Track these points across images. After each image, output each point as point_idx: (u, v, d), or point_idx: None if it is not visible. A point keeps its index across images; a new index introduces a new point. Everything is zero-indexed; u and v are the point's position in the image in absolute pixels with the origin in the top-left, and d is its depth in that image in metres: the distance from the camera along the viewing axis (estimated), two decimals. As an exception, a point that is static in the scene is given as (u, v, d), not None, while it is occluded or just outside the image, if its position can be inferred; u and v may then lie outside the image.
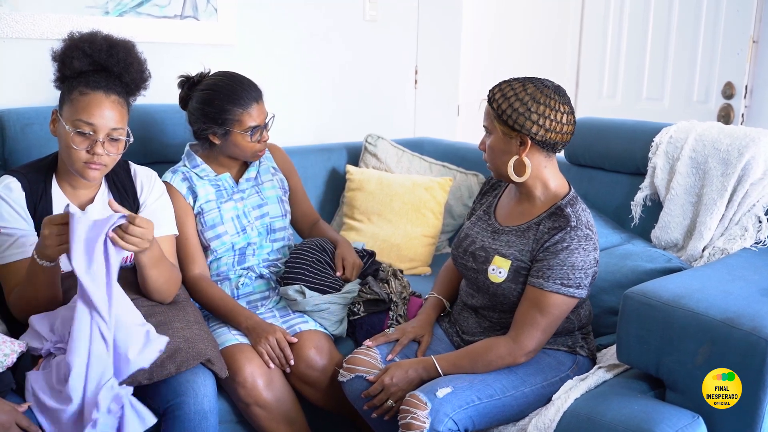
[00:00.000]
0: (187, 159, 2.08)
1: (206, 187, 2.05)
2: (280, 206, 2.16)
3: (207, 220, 2.03)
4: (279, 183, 2.20)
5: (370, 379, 1.74)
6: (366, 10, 3.06)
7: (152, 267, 1.68)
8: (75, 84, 1.65)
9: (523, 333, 1.64)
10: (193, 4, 2.54)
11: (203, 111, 1.98)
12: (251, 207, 2.10)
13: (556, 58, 3.71)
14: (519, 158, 1.65)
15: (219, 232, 2.04)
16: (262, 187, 2.15)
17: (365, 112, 3.13)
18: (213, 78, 2.03)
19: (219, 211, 2.04)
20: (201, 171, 2.05)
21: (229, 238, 2.05)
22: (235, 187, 2.09)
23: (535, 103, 1.60)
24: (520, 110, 1.61)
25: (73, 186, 1.74)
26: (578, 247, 1.61)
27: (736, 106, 2.89)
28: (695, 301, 1.52)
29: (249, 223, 2.08)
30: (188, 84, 2.06)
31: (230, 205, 2.07)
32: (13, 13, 2.18)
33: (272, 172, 2.20)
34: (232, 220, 2.06)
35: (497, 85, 1.68)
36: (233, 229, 2.05)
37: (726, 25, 2.91)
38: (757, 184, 1.96)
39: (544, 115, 1.60)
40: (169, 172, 2.05)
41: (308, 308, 1.97)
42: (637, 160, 2.25)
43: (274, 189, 2.17)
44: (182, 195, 2.01)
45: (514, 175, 1.67)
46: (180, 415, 1.62)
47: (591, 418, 1.50)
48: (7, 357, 1.51)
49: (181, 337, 1.68)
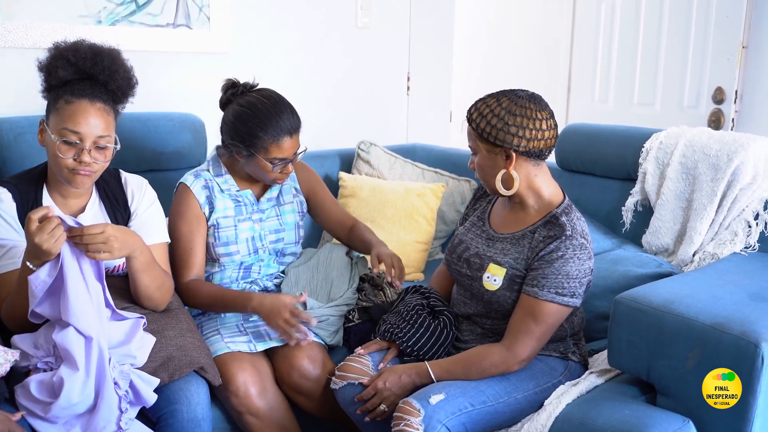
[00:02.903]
0: (212, 164, 2.03)
1: (226, 200, 2.01)
2: (296, 233, 2.13)
3: (221, 236, 2.00)
4: (298, 206, 2.16)
5: (364, 382, 1.75)
6: (358, 17, 3.07)
7: (144, 272, 1.68)
8: (60, 93, 1.65)
9: (517, 341, 1.65)
10: (186, 13, 2.55)
11: (234, 127, 1.92)
12: (268, 231, 2.07)
13: (548, 63, 3.73)
14: (507, 172, 1.66)
15: (231, 250, 2.01)
16: (282, 210, 2.11)
17: (358, 118, 3.14)
18: (257, 95, 1.94)
19: (235, 229, 2.01)
20: (224, 183, 2.01)
21: (240, 257, 2.03)
22: (256, 205, 2.06)
23: (512, 116, 1.61)
24: (498, 126, 1.61)
25: (63, 195, 1.74)
26: (573, 256, 1.62)
27: (727, 111, 2.91)
28: (685, 306, 1.53)
29: (263, 246, 2.06)
30: (232, 91, 1.98)
31: (247, 225, 2.03)
32: (5, 23, 2.18)
33: (293, 193, 2.15)
34: (246, 241, 2.02)
35: (473, 104, 1.69)
36: (246, 250, 2.03)
37: (716, 31, 2.93)
38: (747, 189, 1.98)
39: (522, 126, 1.61)
40: (190, 174, 2.00)
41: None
42: (627, 166, 2.26)
43: (293, 214, 2.13)
44: (199, 203, 1.97)
45: (503, 189, 1.68)
46: (173, 423, 1.62)
47: (583, 423, 1.51)
48: (1, 366, 1.51)
49: (174, 345, 1.68)
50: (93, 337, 1.48)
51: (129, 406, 1.54)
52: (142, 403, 1.58)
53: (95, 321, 1.50)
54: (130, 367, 1.57)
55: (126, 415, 1.52)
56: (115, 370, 1.52)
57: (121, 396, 1.52)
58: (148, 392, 1.58)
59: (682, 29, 3.08)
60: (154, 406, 1.63)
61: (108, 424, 1.49)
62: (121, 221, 1.80)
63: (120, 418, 1.51)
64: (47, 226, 1.43)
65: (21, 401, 1.51)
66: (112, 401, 1.50)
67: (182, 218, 1.97)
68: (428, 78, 3.32)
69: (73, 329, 1.47)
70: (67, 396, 1.45)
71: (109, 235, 1.52)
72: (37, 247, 1.44)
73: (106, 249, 1.52)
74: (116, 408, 1.51)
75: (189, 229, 1.96)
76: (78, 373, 1.46)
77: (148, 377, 1.59)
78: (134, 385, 1.55)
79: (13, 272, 1.62)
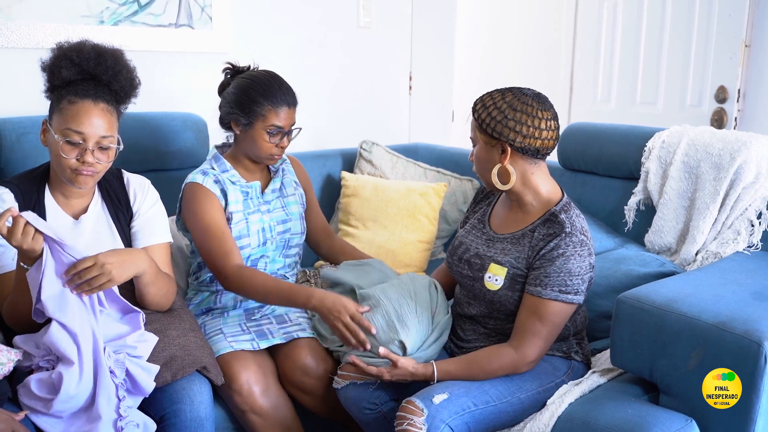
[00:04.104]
0: (214, 162, 2.04)
1: (237, 193, 2.02)
2: (300, 223, 2.15)
3: (234, 230, 1.99)
4: (300, 198, 2.18)
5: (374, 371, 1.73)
6: (360, 16, 3.07)
7: (151, 285, 1.69)
8: (64, 93, 1.65)
9: (525, 342, 1.64)
10: (188, 13, 2.55)
11: (235, 97, 1.97)
12: (276, 221, 2.08)
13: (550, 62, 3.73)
14: (502, 166, 1.66)
15: (243, 244, 2.01)
16: (287, 201, 2.13)
17: (360, 118, 3.14)
18: (257, 72, 2.03)
19: (246, 222, 2.02)
20: (232, 176, 2.02)
21: (250, 250, 2.03)
22: (261, 198, 2.07)
23: (513, 111, 1.61)
24: (497, 118, 1.62)
25: (65, 196, 1.74)
26: (574, 254, 1.62)
27: (729, 110, 2.91)
28: (688, 305, 1.53)
29: (272, 237, 2.07)
30: (233, 72, 2.07)
31: (257, 217, 2.04)
32: (8, 23, 2.19)
33: (294, 186, 2.18)
34: (257, 233, 2.03)
35: (480, 96, 1.70)
36: (257, 241, 2.03)
37: (719, 30, 2.93)
38: (749, 188, 1.97)
39: (521, 122, 1.61)
40: (198, 173, 2.00)
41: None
42: (630, 165, 2.26)
43: (297, 205, 2.15)
44: (216, 195, 1.97)
45: (499, 183, 1.68)
46: (176, 422, 1.62)
47: (585, 423, 1.51)
48: (4, 366, 1.51)
49: (176, 345, 1.68)
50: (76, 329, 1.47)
51: (127, 395, 1.54)
52: (141, 391, 1.58)
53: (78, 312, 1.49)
54: (127, 356, 1.57)
55: (124, 403, 1.52)
56: (111, 359, 1.52)
57: (117, 384, 1.52)
58: (146, 380, 1.58)
59: (684, 28, 3.07)
60: (157, 406, 1.63)
61: (107, 412, 1.49)
62: (124, 221, 1.80)
63: (119, 406, 1.51)
64: (17, 228, 1.43)
65: (23, 400, 1.52)
66: (110, 389, 1.50)
67: (204, 209, 1.94)
68: (430, 77, 3.32)
69: (57, 324, 1.47)
70: (65, 390, 1.46)
71: (103, 263, 1.51)
72: (19, 249, 1.45)
73: (106, 279, 1.51)
74: (114, 396, 1.51)
75: (215, 217, 1.94)
76: (73, 366, 1.47)
77: (146, 365, 1.59)
78: (131, 373, 1.55)
79: (13, 272, 1.62)
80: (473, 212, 1.92)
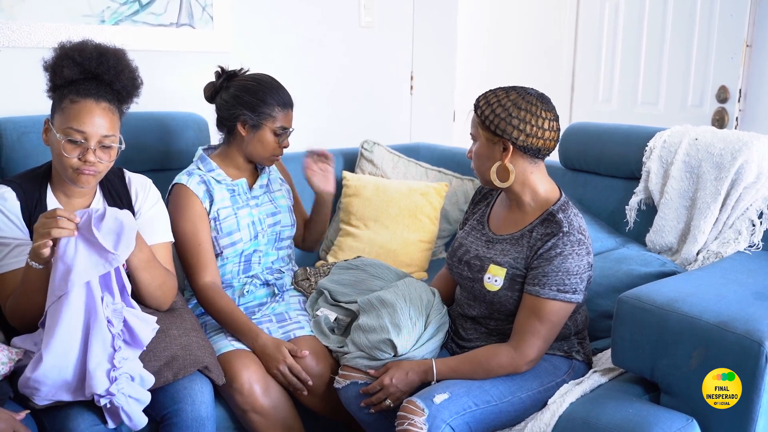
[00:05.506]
0: (200, 162, 2.06)
1: (223, 191, 2.05)
2: (290, 216, 2.19)
3: (224, 227, 2.02)
4: (287, 194, 2.23)
5: (372, 373, 1.76)
6: (361, 16, 3.07)
7: (143, 270, 1.68)
8: (66, 93, 1.65)
9: (524, 342, 1.65)
10: (189, 12, 2.55)
11: (241, 98, 1.99)
12: (265, 214, 2.11)
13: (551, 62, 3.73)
14: (502, 164, 1.66)
15: (235, 239, 2.04)
16: (275, 196, 2.17)
17: (361, 118, 3.14)
18: (256, 74, 2.06)
19: (236, 217, 2.04)
20: (218, 175, 2.05)
21: (243, 245, 2.05)
22: (249, 193, 2.10)
23: (517, 109, 1.62)
24: (501, 116, 1.62)
25: (67, 195, 1.74)
26: (572, 253, 1.62)
27: (731, 110, 2.91)
28: (689, 305, 1.53)
29: (262, 230, 2.09)
30: (224, 75, 2.07)
31: (246, 212, 2.07)
32: (9, 23, 2.19)
33: (280, 182, 2.23)
34: (247, 227, 2.06)
35: (483, 94, 1.70)
36: (248, 235, 2.06)
37: (720, 30, 2.93)
38: (750, 188, 1.97)
39: (525, 120, 1.61)
40: (183, 174, 2.02)
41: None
42: (631, 165, 2.26)
43: (284, 199, 2.20)
44: (199, 198, 1.99)
45: (498, 180, 1.68)
46: (178, 422, 1.62)
47: (586, 422, 1.51)
48: (5, 366, 1.52)
49: (178, 345, 1.68)
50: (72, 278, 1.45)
51: (123, 345, 1.53)
52: (138, 344, 1.57)
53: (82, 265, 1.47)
54: (124, 305, 1.55)
55: (120, 353, 1.51)
56: (108, 309, 1.51)
57: (114, 334, 1.51)
58: (144, 331, 1.57)
59: (685, 28, 3.07)
60: (159, 405, 1.63)
61: (101, 362, 1.49)
62: (125, 221, 1.80)
63: (113, 356, 1.50)
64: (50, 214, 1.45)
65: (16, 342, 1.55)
66: (105, 338, 1.49)
67: (184, 217, 1.98)
68: (431, 77, 3.32)
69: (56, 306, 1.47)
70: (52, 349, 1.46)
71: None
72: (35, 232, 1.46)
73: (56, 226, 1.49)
74: (109, 346, 1.50)
75: (193, 228, 1.97)
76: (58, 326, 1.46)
77: (144, 315, 1.59)
78: (129, 323, 1.54)
79: (16, 271, 1.62)
80: (472, 213, 1.92)
